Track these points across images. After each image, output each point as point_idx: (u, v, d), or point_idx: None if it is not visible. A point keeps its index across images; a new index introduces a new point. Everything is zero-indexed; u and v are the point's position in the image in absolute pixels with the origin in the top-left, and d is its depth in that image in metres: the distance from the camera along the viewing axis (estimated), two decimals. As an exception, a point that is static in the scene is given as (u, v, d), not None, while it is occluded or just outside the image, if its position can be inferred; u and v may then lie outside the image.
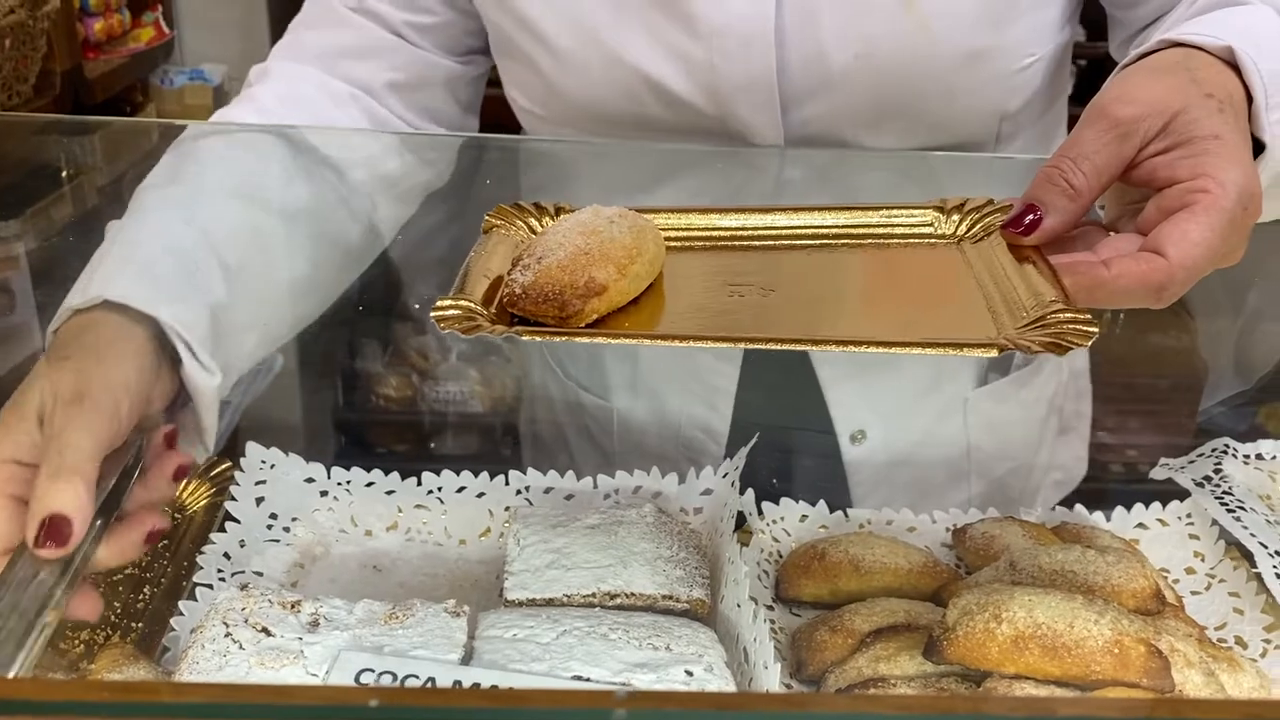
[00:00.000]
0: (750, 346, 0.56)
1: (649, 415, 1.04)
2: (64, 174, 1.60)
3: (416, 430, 2.34)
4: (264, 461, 0.85)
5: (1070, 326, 0.53)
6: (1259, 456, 0.96)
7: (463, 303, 0.55)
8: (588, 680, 0.63)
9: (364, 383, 2.26)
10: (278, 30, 1.05)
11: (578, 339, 0.55)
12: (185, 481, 0.89)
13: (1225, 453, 0.94)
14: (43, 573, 0.57)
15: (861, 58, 0.83)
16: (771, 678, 0.64)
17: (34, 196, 1.55)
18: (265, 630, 0.65)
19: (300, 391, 1.79)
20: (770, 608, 0.79)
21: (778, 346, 0.55)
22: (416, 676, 0.62)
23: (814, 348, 0.56)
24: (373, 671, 0.62)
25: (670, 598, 0.72)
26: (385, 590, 0.78)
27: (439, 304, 0.55)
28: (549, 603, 0.71)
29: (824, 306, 0.61)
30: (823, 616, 0.75)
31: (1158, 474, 0.92)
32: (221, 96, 2.17)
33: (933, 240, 0.65)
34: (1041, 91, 0.91)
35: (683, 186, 0.95)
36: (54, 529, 0.58)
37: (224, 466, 0.89)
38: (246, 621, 0.66)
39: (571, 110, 0.92)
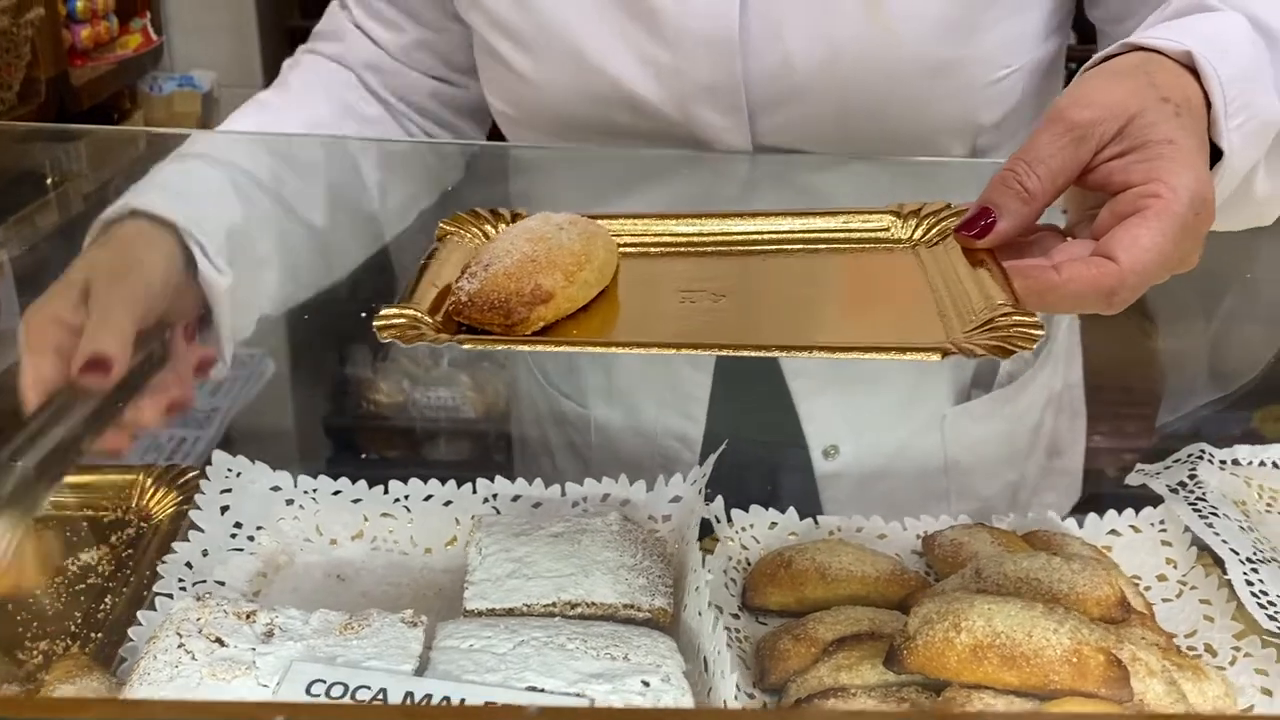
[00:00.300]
0: (688, 353, 0.56)
1: (625, 423, 1.04)
2: (49, 181, 1.60)
3: (408, 436, 2.34)
4: (230, 470, 0.85)
5: (1017, 330, 0.52)
6: (1235, 462, 0.95)
7: (407, 311, 0.55)
8: (542, 691, 0.62)
9: (354, 388, 2.26)
10: (267, 36, 1.08)
11: (517, 347, 0.55)
12: (153, 488, 0.89)
13: (1201, 458, 0.93)
14: (78, 408, 0.71)
15: (827, 65, 0.83)
16: (728, 687, 0.63)
17: (18, 204, 1.55)
18: (219, 641, 0.65)
19: (291, 398, 1.79)
20: (736, 616, 0.78)
21: (717, 353, 0.55)
22: (368, 687, 0.61)
23: (756, 353, 0.55)
24: (324, 682, 0.61)
25: (632, 607, 0.71)
26: (347, 600, 0.78)
27: (383, 312, 0.54)
28: (509, 612, 0.71)
29: (774, 312, 0.60)
30: (786, 625, 0.75)
31: (1133, 480, 0.92)
32: (210, 103, 2.18)
33: (889, 245, 0.65)
34: (1024, 103, 0.90)
35: (651, 193, 0.94)
36: (96, 364, 0.72)
37: (191, 474, 0.89)
38: (201, 632, 0.65)
39: (542, 115, 0.92)
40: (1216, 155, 0.63)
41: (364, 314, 0.62)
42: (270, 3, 2.12)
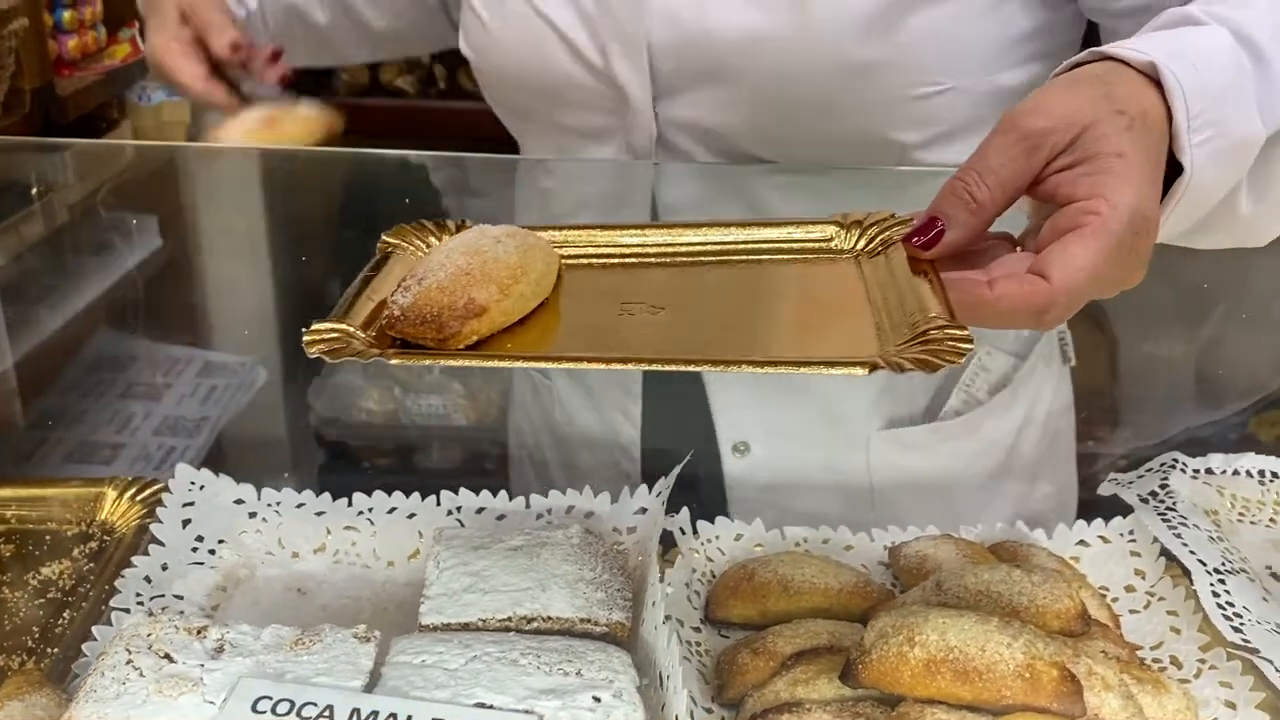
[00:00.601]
0: (612, 368, 0.55)
1: (578, 431, 1.04)
2: (34, 191, 1.60)
3: (399, 444, 2.34)
4: (193, 483, 0.85)
5: (946, 344, 0.52)
6: (1209, 471, 0.94)
7: (339, 326, 0.54)
8: (491, 708, 0.62)
9: (346, 396, 2.25)
10: None
11: (443, 361, 0.54)
12: (117, 501, 0.89)
13: (1173, 467, 0.93)
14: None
15: (742, 51, 0.83)
16: (680, 701, 0.63)
17: (3, 215, 1.55)
18: (168, 656, 0.64)
19: (282, 406, 1.79)
20: (698, 629, 0.78)
21: (645, 368, 0.54)
22: (314, 704, 0.61)
23: (683, 368, 0.55)
24: (270, 699, 0.61)
25: (589, 621, 0.71)
26: (307, 614, 0.78)
27: (313, 327, 0.54)
28: (465, 627, 0.70)
29: (710, 324, 0.60)
30: (746, 638, 0.74)
31: (1104, 490, 0.91)
32: (199, 112, 2.17)
33: (831, 255, 0.65)
34: (974, 128, 0.86)
35: (597, 200, 0.95)
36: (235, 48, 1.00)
37: (157, 488, 0.89)
38: (150, 648, 0.65)
39: (498, 61, 0.97)
40: (1179, 170, 0.63)
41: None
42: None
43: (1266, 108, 0.64)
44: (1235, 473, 0.94)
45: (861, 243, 0.64)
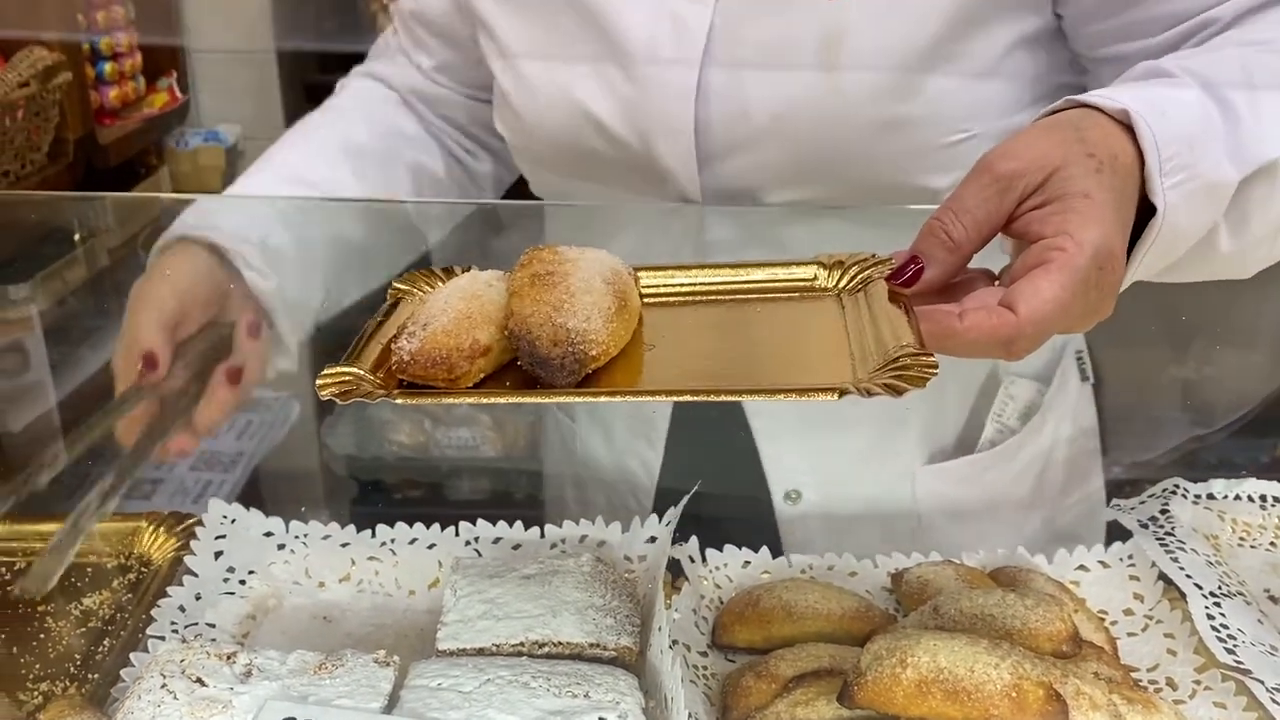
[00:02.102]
0: (605, 400, 0.59)
1: (602, 446, 1.07)
2: (76, 237, 1.66)
3: (429, 476, 2.38)
4: (225, 517, 0.89)
5: (913, 370, 0.55)
6: (1210, 496, 0.96)
7: (350, 370, 0.58)
8: (502, 727, 0.65)
9: (377, 429, 2.30)
10: (288, 92, 1.15)
11: (448, 400, 0.58)
12: (154, 534, 0.93)
13: (1174, 493, 0.95)
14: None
15: (779, 119, 0.86)
16: (682, 722, 0.66)
17: (46, 259, 1.62)
18: (200, 680, 0.68)
19: (316, 439, 1.83)
20: (705, 654, 0.81)
21: (631, 399, 0.58)
22: (335, 724, 0.64)
23: (666, 399, 0.59)
24: (294, 719, 0.64)
25: (598, 645, 0.74)
26: (332, 640, 0.81)
27: (324, 372, 0.58)
28: (480, 652, 0.74)
29: (698, 360, 0.63)
30: (750, 662, 0.77)
31: (1107, 515, 0.93)
32: (235, 157, 2.25)
33: (814, 294, 0.68)
34: None
35: (619, 245, 0.99)
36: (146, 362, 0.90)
37: (191, 521, 0.93)
38: (184, 672, 0.69)
39: (533, 139, 0.99)
40: (1151, 212, 0.66)
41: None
42: (291, 60, 2.20)
43: (1235, 154, 0.67)
44: (1236, 498, 0.96)
45: (843, 281, 0.68)
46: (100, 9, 1.94)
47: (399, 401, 0.57)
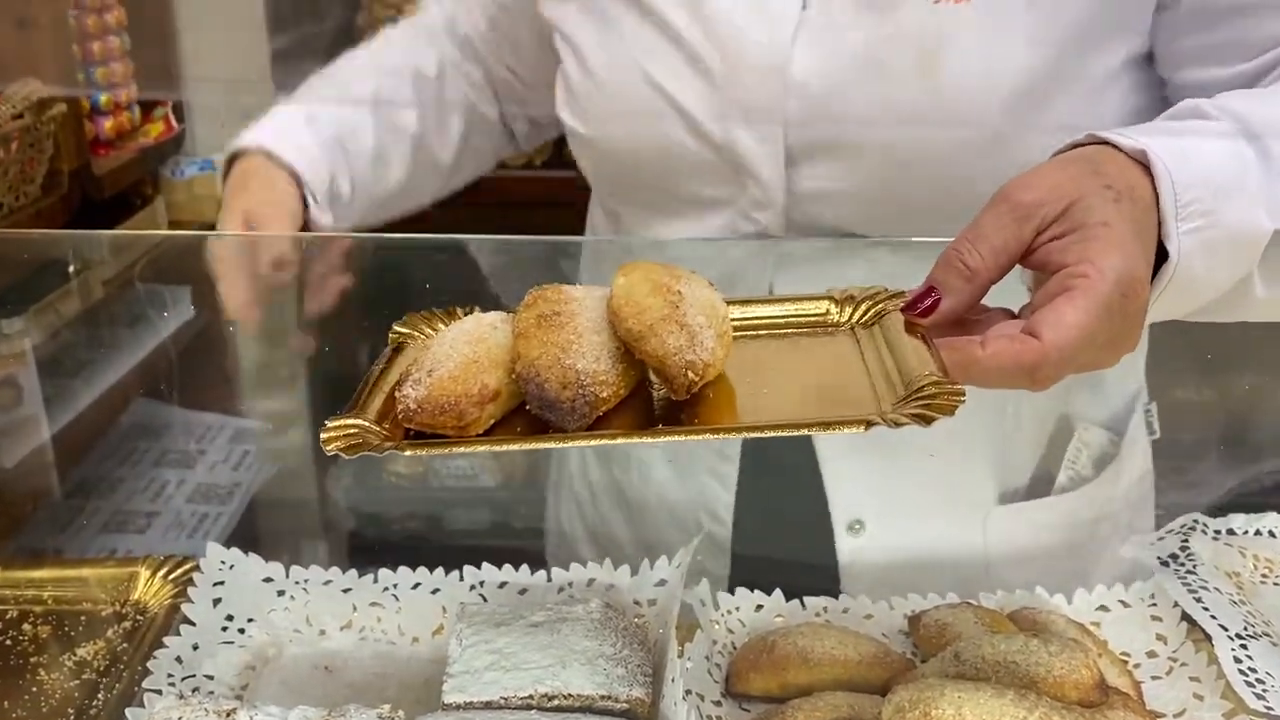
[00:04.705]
0: (632, 441, 0.57)
1: (659, 498, 1.04)
2: (70, 269, 1.65)
3: (428, 507, 2.36)
4: (223, 562, 0.86)
5: (940, 399, 0.54)
6: (1230, 532, 0.94)
7: (355, 421, 0.56)
8: (512, 787, 0.63)
9: (375, 461, 2.27)
10: None
11: (458, 449, 0.56)
12: (149, 580, 0.91)
13: (1194, 529, 0.93)
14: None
15: (872, 123, 0.84)
16: (698, 779, 0.63)
17: (41, 293, 1.60)
18: (197, 740, 0.66)
19: (313, 470, 1.81)
20: (719, 703, 0.78)
21: (652, 440, 0.56)
22: (339, 787, 0.62)
23: (687, 437, 0.57)
24: (297, 782, 0.62)
25: (609, 698, 0.72)
26: (334, 691, 0.79)
27: (328, 424, 0.56)
28: (487, 705, 0.71)
29: (713, 397, 0.62)
30: (766, 712, 0.75)
31: (1125, 552, 0.91)
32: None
33: (827, 329, 0.67)
34: None
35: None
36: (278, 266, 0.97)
37: (188, 566, 0.91)
38: (181, 732, 0.66)
39: (604, 126, 0.96)
40: (1165, 256, 0.64)
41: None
42: (287, 90, 2.19)
43: (1274, 203, 0.65)
44: (1257, 533, 0.94)
45: (857, 315, 0.67)
46: (96, 39, 1.93)
47: (408, 453, 0.55)
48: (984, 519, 0.99)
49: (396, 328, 0.67)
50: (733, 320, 0.65)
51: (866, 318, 0.66)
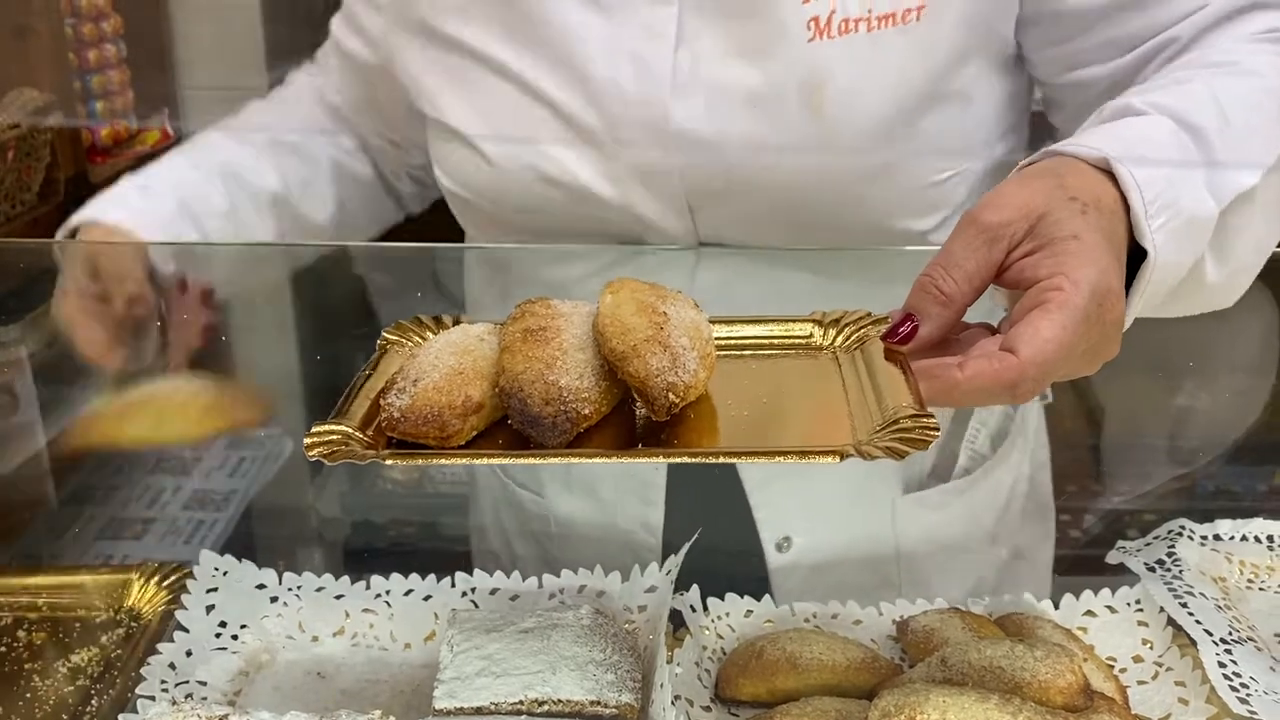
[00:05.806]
0: (606, 461, 0.58)
1: (586, 513, 1.05)
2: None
3: (422, 510, 2.36)
4: (217, 569, 0.87)
5: (915, 432, 0.54)
6: (1216, 537, 0.95)
7: (338, 428, 0.57)
8: (501, 792, 0.63)
9: (370, 468, 2.27)
10: None
11: (440, 461, 0.57)
12: (143, 587, 0.92)
13: (1180, 534, 0.93)
14: None
15: (763, 166, 0.85)
16: (685, 784, 0.64)
17: (36, 300, 1.60)
18: (190, 746, 0.66)
19: (308, 476, 1.82)
20: (708, 709, 0.79)
21: (628, 460, 0.57)
22: (330, 791, 0.62)
23: (663, 459, 0.58)
24: (288, 788, 0.63)
25: (599, 703, 0.72)
26: (327, 697, 0.79)
27: (312, 430, 0.56)
28: (477, 711, 0.72)
29: (693, 419, 0.62)
30: (755, 717, 0.75)
31: (1112, 558, 0.92)
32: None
33: (810, 351, 0.67)
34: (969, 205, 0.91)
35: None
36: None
37: (182, 573, 0.91)
38: (174, 738, 0.67)
39: (495, 198, 0.96)
40: (1143, 255, 0.65)
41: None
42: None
43: (1214, 185, 0.67)
44: (1243, 538, 0.95)
45: (839, 339, 0.67)
46: (92, 47, 1.94)
47: (389, 463, 0.56)
48: (891, 512, 1.01)
49: (385, 334, 0.68)
50: (716, 339, 0.65)
51: (849, 342, 0.67)
